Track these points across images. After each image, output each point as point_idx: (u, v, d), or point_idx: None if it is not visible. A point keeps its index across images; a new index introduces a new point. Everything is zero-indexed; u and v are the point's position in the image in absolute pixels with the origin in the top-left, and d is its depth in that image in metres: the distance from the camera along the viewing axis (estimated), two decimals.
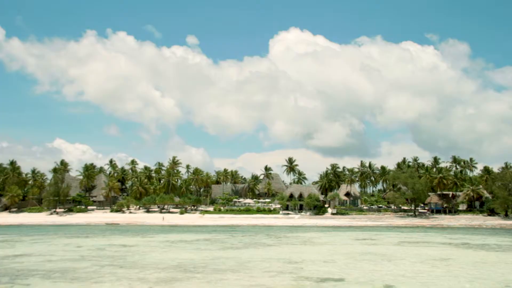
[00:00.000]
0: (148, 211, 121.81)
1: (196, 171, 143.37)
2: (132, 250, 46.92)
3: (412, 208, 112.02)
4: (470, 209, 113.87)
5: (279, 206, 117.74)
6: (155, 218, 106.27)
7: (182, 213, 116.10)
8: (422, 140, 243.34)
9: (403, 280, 30.11)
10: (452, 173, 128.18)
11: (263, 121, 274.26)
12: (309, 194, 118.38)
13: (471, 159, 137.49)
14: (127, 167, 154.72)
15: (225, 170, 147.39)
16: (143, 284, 28.30)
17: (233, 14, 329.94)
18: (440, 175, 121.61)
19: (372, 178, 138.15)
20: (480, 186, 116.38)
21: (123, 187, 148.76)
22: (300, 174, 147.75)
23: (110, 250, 46.45)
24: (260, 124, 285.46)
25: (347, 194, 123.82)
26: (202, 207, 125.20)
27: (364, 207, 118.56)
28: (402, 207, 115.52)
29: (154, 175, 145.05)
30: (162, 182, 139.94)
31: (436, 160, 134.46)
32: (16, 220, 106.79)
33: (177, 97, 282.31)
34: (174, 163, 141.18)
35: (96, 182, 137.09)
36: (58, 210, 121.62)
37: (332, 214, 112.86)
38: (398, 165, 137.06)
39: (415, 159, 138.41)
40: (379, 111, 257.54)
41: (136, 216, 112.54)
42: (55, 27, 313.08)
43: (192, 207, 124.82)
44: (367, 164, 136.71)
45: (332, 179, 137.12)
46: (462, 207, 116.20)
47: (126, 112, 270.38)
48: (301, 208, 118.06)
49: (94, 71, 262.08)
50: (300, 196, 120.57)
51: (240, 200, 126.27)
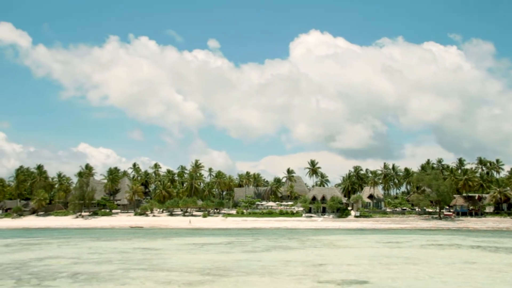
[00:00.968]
0: (171, 214, 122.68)
1: (219, 174, 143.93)
2: (156, 253, 47.34)
3: (437, 210, 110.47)
4: (497, 211, 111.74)
5: (301, 208, 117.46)
6: (178, 221, 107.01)
7: (205, 216, 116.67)
8: (446, 141, 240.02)
9: (429, 284, 29.76)
10: (478, 174, 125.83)
11: (285, 123, 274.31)
12: (331, 196, 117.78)
13: (497, 160, 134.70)
14: (150, 171, 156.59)
15: (247, 173, 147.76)
16: (168, 287, 28.54)
17: (253, 18, 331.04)
18: (466, 176, 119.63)
19: (396, 180, 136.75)
20: (508, 188, 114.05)
21: (147, 190, 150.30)
22: (322, 176, 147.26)
23: (135, 253, 46.96)
24: (282, 126, 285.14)
25: (370, 197, 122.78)
26: (225, 210, 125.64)
27: (388, 210, 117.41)
28: (427, 210, 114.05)
29: (177, 178, 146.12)
30: (185, 185, 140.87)
31: (461, 162, 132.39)
32: (43, 223, 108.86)
33: (199, 100, 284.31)
34: (197, 166, 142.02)
35: (120, 186, 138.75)
36: (83, 213, 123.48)
37: (355, 216, 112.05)
38: (422, 167, 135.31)
39: (439, 161, 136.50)
40: (402, 113, 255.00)
41: (159, 219, 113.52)
42: (79, 34, 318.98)
43: (215, 210, 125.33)
44: (391, 166, 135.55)
45: (355, 182, 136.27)
46: (489, 209, 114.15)
47: (149, 116, 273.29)
48: (324, 211, 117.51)
49: (117, 76, 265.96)
50: (323, 198, 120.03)
51: (263, 203, 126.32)
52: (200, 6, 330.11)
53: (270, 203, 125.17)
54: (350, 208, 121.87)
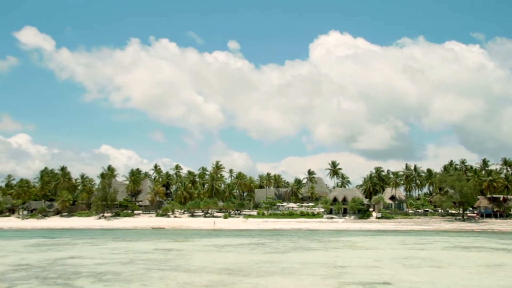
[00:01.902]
0: (192, 216, 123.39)
1: (240, 176, 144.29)
2: (178, 253, 47.74)
3: (460, 212, 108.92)
4: None
5: (322, 210, 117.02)
6: (200, 223, 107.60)
7: (226, 217, 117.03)
8: (469, 142, 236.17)
9: (453, 287, 29.43)
10: (502, 175, 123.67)
11: (305, 124, 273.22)
12: (353, 197, 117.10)
13: None
14: (171, 172, 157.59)
15: (268, 174, 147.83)
16: (190, 287, 28.79)
17: (273, 19, 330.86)
18: (490, 177, 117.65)
19: (418, 181, 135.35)
20: None
21: (168, 191, 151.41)
22: (343, 177, 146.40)
23: (156, 254, 47.44)
24: (302, 127, 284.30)
25: (392, 198, 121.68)
26: (246, 211, 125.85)
27: (410, 211, 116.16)
28: (450, 211, 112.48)
29: (198, 179, 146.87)
30: (206, 186, 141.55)
31: (485, 163, 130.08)
32: (67, 224, 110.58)
33: (220, 102, 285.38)
34: (218, 167, 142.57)
35: (142, 187, 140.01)
36: (106, 214, 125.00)
37: (377, 218, 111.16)
38: (445, 167, 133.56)
39: (463, 162, 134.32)
40: (424, 113, 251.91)
41: (181, 220, 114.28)
42: (101, 37, 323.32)
43: (236, 211, 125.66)
44: (412, 167, 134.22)
45: (376, 183, 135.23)
46: None
47: (170, 117, 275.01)
48: (345, 212, 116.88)
49: (139, 78, 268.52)
50: (344, 200, 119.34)
51: (284, 204, 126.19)
52: (220, 7, 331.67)
53: (291, 204, 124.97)
54: (371, 209, 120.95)
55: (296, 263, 39.43)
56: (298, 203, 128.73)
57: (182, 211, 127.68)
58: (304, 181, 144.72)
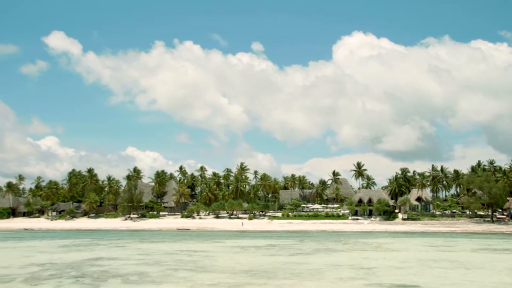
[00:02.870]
0: (217, 217, 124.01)
1: (264, 177, 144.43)
2: (203, 255, 48.03)
3: (489, 213, 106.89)
4: None
5: (347, 211, 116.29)
6: (224, 224, 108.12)
7: (250, 218, 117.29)
8: (498, 142, 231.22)
9: None
10: None
11: (330, 125, 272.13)
12: (378, 199, 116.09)
13: None
14: (196, 174, 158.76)
15: (292, 176, 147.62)
16: None
17: (296, 20, 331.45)
18: None
19: (445, 183, 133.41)
20: None
21: (193, 193, 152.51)
22: (368, 179, 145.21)
23: (182, 255, 47.80)
24: (327, 128, 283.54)
25: (418, 199, 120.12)
26: (270, 213, 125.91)
27: (437, 213, 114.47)
28: (478, 213, 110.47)
29: (222, 181, 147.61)
30: (230, 188, 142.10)
31: None
32: (94, 225, 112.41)
33: (244, 103, 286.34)
34: (242, 169, 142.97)
35: (167, 189, 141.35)
36: (132, 215, 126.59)
37: (403, 219, 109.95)
38: (473, 168, 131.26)
39: (491, 162, 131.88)
40: (451, 113, 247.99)
41: (206, 221, 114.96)
42: (126, 40, 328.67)
43: (260, 213, 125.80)
44: (439, 168, 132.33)
45: (402, 184, 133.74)
46: None
47: (195, 119, 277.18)
48: (370, 214, 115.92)
49: (164, 81, 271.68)
50: (369, 201, 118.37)
51: (308, 205, 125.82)
52: (243, 9, 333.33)
53: (316, 206, 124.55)
54: (397, 210, 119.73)
55: (322, 265, 39.29)
56: (323, 205, 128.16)
57: (207, 212, 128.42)
58: (329, 182, 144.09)
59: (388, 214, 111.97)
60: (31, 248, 58.37)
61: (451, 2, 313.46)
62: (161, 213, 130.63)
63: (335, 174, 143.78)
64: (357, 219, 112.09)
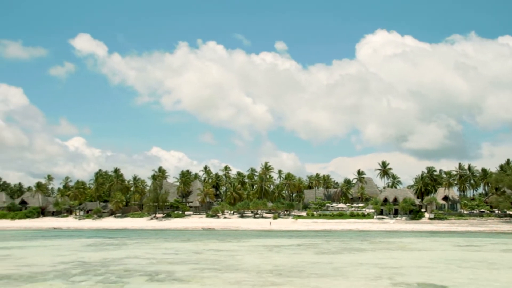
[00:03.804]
0: (242, 216, 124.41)
1: (288, 176, 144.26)
2: (229, 254, 48.28)
3: None
4: None
5: (373, 210, 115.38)
6: (249, 223, 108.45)
7: (275, 218, 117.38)
8: None
9: None
10: None
11: (354, 124, 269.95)
12: (404, 198, 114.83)
13: None
14: (220, 173, 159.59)
15: (317, 175, 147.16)
16: (241, 287, 29.14)
17: (319, 19, 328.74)
18: None
19: (472, 181, 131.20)
20: None
21: (217, 192, 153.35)
22: (394, 178, 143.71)
23: (208, 254, 48.15)
24: (352, 127, 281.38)
25: (445, 198, 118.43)
26: (295, 212, 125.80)
27: (464, 212, 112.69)
28: (507, 212, 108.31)
29: (247, 180, 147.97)
30: (255, 187, 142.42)
31: None
32: (120, 224, 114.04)
33: (268, 103, 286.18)
34: (267, 168, 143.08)
35: (192, 188, 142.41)
36: (157, 215, 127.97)
37: (429, 219, 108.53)
38: (501, 167, 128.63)
39: None
40: (478, 111, 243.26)
41: (230, 221, 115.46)
42: (151, 41, 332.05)
43: (285, 212, 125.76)
44: (466, 167, 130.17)
45: (428, 183, 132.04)
46: None
47: (220, 119, 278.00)
48: (396, 213, 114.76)
49: (188, 81, 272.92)
50: (395, 200, 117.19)
51: (333, 204, 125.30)
52: (266, 9, 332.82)
53: (341, 205, 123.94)
54: (423, 210, 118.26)
55: (347, 264, 39.14)
56: (347, 204, 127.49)
57: (232, 212, 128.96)
58: (354, 181, 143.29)
59: (414, 214, 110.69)
60: (60, 246, 59.64)
61: None
62: (186, 212, 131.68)
63: (360, 173, 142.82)
64: (382, 218, 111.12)
